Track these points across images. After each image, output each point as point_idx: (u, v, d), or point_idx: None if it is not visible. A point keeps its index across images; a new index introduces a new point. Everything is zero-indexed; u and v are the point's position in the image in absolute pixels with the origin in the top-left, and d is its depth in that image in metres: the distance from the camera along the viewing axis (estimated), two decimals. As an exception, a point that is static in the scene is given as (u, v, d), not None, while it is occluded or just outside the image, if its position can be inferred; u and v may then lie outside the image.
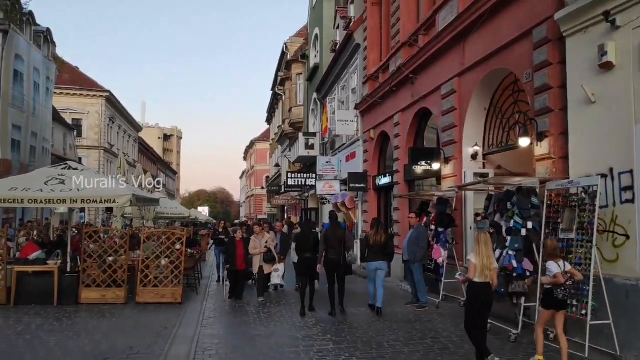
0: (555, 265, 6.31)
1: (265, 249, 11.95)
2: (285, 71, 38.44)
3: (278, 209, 47.73)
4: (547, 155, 8.44)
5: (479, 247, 6.37)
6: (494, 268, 6.35)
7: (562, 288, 6.19)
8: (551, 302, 6.32)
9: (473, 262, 6.33)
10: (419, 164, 12.54)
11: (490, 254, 6.34)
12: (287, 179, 27.95)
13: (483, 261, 6.27)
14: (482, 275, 6.29)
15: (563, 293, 6.20)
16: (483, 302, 6.40)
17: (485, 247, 6.34)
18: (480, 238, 6.48)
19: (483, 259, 6.28)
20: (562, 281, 6.18)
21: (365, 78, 18.73)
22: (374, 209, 18.37)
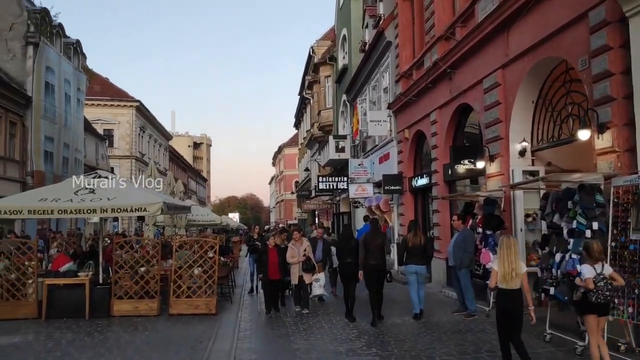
0: (589, 269, 6.05)
1: (304, 257, 11.12)
2: (313, 74, 37.99)
3: (309, 214, 47.25)
4: (611, 149, 7.67)
5: (501, 251, 6.10)
6: (519, 273, 6.01)
7: (594, 291, 5.94)
8: (587, 307, 6.09)
9: (494, 269, 6.09)
10: (461, 162, 11.84)
11: (513, 259, 6.02)
12: (318, 182, 27.44)
13: (504, 267, 6.00)
14: (504, 282, 6.02)
15: (596, 296, 5.93)
16: (506, 310, 6.08)
17: (507, 252, 6.05)
18: (503, 242, 6.19)
19: (504, 264, 6.01)
20: (591, 286, 5.93)
21: (398, 76, 18.07)
22: (410, 212, 17.67)
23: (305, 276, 11.16)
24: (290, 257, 11.17)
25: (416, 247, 9.99)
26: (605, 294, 5.94)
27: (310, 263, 11.15)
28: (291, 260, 11.14)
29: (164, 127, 62.16)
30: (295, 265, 11.16)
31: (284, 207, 75.55)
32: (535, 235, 10.49)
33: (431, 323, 9.82)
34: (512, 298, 6.00)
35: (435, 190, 14.90)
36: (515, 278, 5.97)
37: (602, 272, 6.02)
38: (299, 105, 50.87)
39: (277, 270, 11.22)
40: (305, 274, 11.15)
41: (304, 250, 11.19)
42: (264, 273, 11.25)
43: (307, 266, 11.10)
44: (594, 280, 5.94)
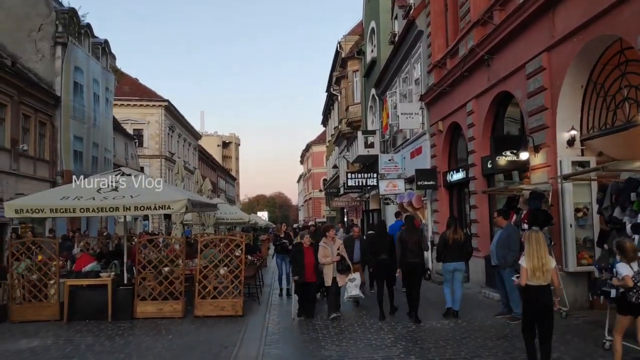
0: (625, 267, 5.84)
1: (338, 257, 10.14)
2: (341, 69, 37.36)
3: (337, 211, 46.65)
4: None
5: (529, 247, 5.90)
6: (549, 269, 5.85)
7: (634, 291, 5.73)
8: (626, 306, 5.85)
9: (523, 266, 5.90)
10: (503, 154, 11.02)
11: (543, 254, 5.84)
12: (347, 179, 26.76)
13: (534, 262, 5.81)
14: (534, 278, 5.83)
15: (636, 296, 5.73)
16: (535, 307, 5.91)
17: (536, 247, 5.86)
18: (531, 237, 5.97)
19: (534, 260, 5.82)
20: (630, 284, 5.71)
21: (430, 66, 17.27)
22: (445, 208, 16.86)
23: (339, 278, 10.20)
24: (323, 256, 10.15)
25: (456, 244, 9.68)
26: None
27: (345, 263, 10.20)
28: (324, 261, 10.13)
29: (192, 126, 62.33)
30: (329, 266, 10.18)
31: (312, 205, 75.21)
32: (585, 231, 9.68)
33: (473, 327, 9.08)
34: (542, 294, 5.86)
35: (472, 185, 14.09)
36: (546, 274, 5.81)
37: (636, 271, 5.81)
38: (327, 102, 50.31)
39: (313, 271, 10.29)
40: (340, 275, 10.21)
41: (337, 249, 10.26)
42: (300, 275, 10.22)
43: (342, 267, 10.17)
44: (633, 279, 5.73)
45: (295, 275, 10.30)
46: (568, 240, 9.57)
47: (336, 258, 10.12)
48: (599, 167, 6.90)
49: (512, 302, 9.44)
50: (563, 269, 9.62)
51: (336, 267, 10.13)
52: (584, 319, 9.00)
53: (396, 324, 9.50)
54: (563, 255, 9.66)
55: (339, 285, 10.22)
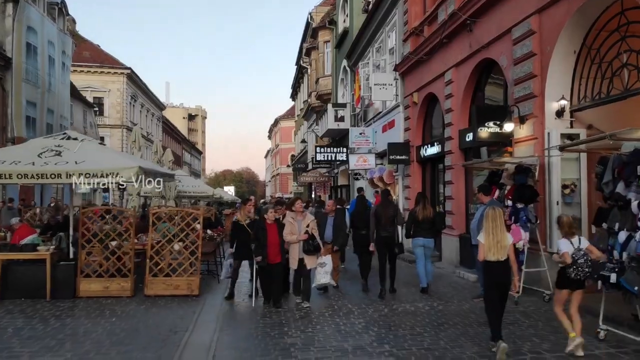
0: (565, 243, 5.95)
1: (306, 236, 8.62)
2: (311, 40, 36.08)
3: (305, 187, 45.75)
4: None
5: (487, 223, 6.00)
6: (504, 245, 5.94)
7: (573, 267, 5.81)
8: (564, 281, 5.99)
9: (481, 242, 6.02)
10: (486, 125, 10.21)
11: (498, 231, 5.93)
12: (315, 154, 25.87)
13: (489, 239, 5.94)
14: (490, 253, 5.94)
15: (575, 272, 5.81)
16: (493, 283, 6.08)
17: (492, 224, 5.96)
18: (488, 214, 6.06)
19: (489, 236, 5.95)
20: (569, 261, 5.83)
21: (407, 34, 16.33)
22: (417, 184, 16.12)
23: (307, 259, 8.68)
24: (289, 233, 8.62)
25: (426, 221, 9.70)
26: (585, 270, 5.82)
27: (314, 243, 8.63)
28: (289, 239, 8.60)
29: (157, 97, 60.11)
30: (295, 246, 8.73)
31: (279, 181, 74.16)
32: (572, 209, 9.00)
33: (451, 311, 8.35)
34: (500, 269, 5.97)
35: (448, 160, 13.31)
36: (502, 249, 5.91)
37: (580, 247, 5.89)
38: (296, 75, 48.93)
39: (278, 251, 8.66)
40: (307, 256, 8.66)
41: (307, 226, 8.72)
42: (263, 255, 8.55)
43: (308, 246, 8.60)
44: (572, 256, 5.83)
45: (258, 256, 8.62)
46: (553, 218, 8.86)
47: (303, 236, 8.58)
48: (605, 135, 6.08)
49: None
50: (547, 250, 8.95)
51: (303, 247, 8.59)
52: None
53: (367, 307, 8.70)
54: (548, 235, 8.98)
55: (307, 268, 8.73)
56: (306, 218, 8.87)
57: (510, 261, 6.02)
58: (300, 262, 8.74)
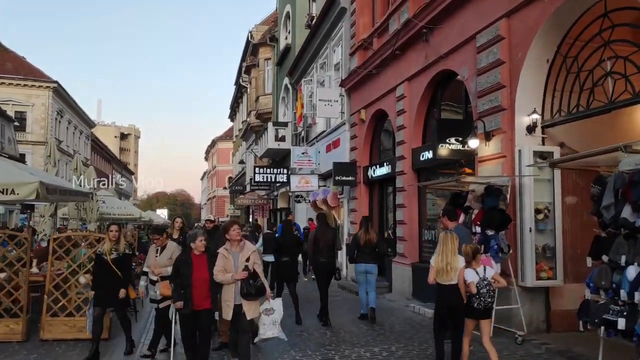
0: (471, 273, 5.91)
1: (244, 274, 6.09)
2: (252, 57, 34.74)
3: (242, 210, 43.90)
4: None
5: (439, 246, 6.09)
6: (454, 267, 5.93)
7: (476, 297, 5.82)
8: (470, 311, 5.96)
9: (432, 264, 6.08)
10: (447, 142, 9.11)
11: (449, 254, 5.97)
12: (254, 174, 24.31)
13: (438, 262, 6.00)
14: (440, 277, 5.99)
15: (478, 302, 5.83)
16: (444, 307, 6.10)
17: (443, 247, 6.02)
18: (441, 238, 6.13)
19: (438, 259, 6.01)
20: (473, 290, 5.84)
21: (354, 48, 15.28)
22: (364, 207, 14.92)
23: (246, 306, 6.17)
24: (221, 271, 6.11)
25: (368, 246, 9.34)
26: (487, 300, 5.86)
27: (256, 284, 6.15)
28: (221, 278, 6.09)
29: (87, 114, 56.68)
30: (229, 288, 6.17)
31: (215, 204, 71.83)
32: (545, 237, 7.97)
33: (414, 358, 7.02)
34: (449, 294, 5.97)
35: (400, 181, 12.17)
36: (451, 272, 5.92)
37: (485, 276, 5.89)
38: (235, 95, 47.31)
39: (207, 294, 6.10)
40: (247, 302, 6.17)
41: (246, 260, 6.21)
42: (185, 300, 6.02)
43: (250, 289, 6.09)
44: (477, 285, 5.82)
45: (177, 301, 6.10)
46: (526, 247, 7.79)
47: (241, 274, 6.08)
48: (617, 147, 4.88)
49: (459, 325, 7.48)
50: (519, 283, 7.84)
51: (241, 290, 6.11)
52: (547, 346, 7.22)
53: (313, 354, 7.24)
54: (519, 266, 7.88)
55: (246, 318, 6.21)
56: (245, 249, 6.31)
57: (459, 285, 5.91)
58: (236, 311, 6.15)
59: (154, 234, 7.87)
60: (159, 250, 7.36)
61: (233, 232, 6.30)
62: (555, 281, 7.84)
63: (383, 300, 11.97)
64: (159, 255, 7.30)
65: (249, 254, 6.28)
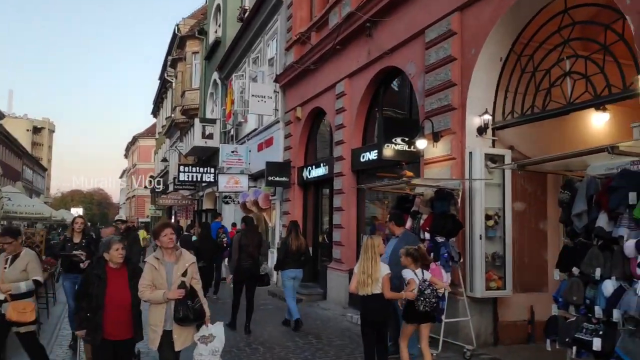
0: (410, 273, 5.69)
1: (180, 292, 4.78)
2: (178, 50, 33.12)
3: (164, 211, 41.96)
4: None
5: (363, 253, 5.66)
6: (377, 277, 5.53)
7: (421, 299, 5.51)
8: (412, 315, 5.69)
9: (355, 272, 5.71)
10: (393, 141, 8.54)
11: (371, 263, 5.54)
12: (179, 173, 23.00)
13: (360, 271, 5.59)
14: (364, 287, 5.54)
15: (423, 304, 5.51)
16: (367, 318, 5.69)
17: (364, 255, 5.63)
18: (368, 243, 5.71)
19: (360, 268, 5.60)
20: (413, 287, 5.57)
21: (290, 42, 14.54)
22: (298, 210, 14.19)
23: (177, 333, 4.85)
24: (147, 287, 4.79)
25: (299, 251, 9.12)
26: (432, 300, 5.56)
27: (195, 306, 4.83)
28: (149, 296, 4.79)
29: (-7, 104, 52.36)
30: (159, 309, 4.84)
31: (135, 204, 68.65)
32: (494, 245, 7.56)
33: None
34: (373, 305, 5.56)
35: (338, 183, 11.53)
36: (372, 283, 5.49)
37: (425, 278, 5.66)
38: (159, 90, 45.13)
39: (127, 319, 4.89)
40: (181, 328, 4.86)
41: (183, 274, 4.92)
42: (92, 327, 4.82)
43: (187, 312, 4.76)
44: (419, 287, 5.55)
45: (84, 328, 4.91)
46: (476, 256, 7.34)
47: (176, 293, 4.74)
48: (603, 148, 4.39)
49: (406, 339, 6.89)
50: (467, 294, 7.37)
51: (174, 313, 4.78)
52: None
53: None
54: (468, 276, 7.42)
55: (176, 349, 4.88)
56: (182, 260, 4.97)
57: (385, 294, 5.53)
58: (165, 338, 4.82)
59: (5, 235, 5.83)
60: (9, 260, 5.68)
61: (164, 237, 4.89)
62: (504, 291, 7.45)
63: (317, 308, 11.32)
64: (8, 267, 5.64)
65: (187, 266, 4.94)
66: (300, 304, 11.63)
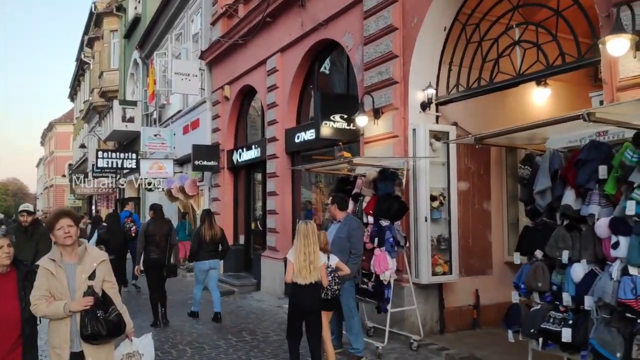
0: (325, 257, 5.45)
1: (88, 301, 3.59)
2: (95, 29, 30.97)
3: (84, 200, 39.59)
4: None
5: (299, 240, 5.28)
6: (317, 266, 5.24)
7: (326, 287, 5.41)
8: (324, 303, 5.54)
9: (290, 260, 5.29)
10: (331, 119, 7.89)
11: (312, 250, 5.22)
12: (97, 159, 21.36)
13: (300, 259, 5.21)
14: (301, 276, 5.21)
15: (325, 292, 5.44)
16: (300, 308, 5.36)
17: (305, 240, 5.25)
18: (300, 229, 5.36)
19: (301, 256, 5.22)
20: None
21: (216, 16, 13.54)
22: (228, 195, 13.35)
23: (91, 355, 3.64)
24: (42, 297, 3.62)
25: (213, 241, 8.77)
26: (334, 288, 5.51)
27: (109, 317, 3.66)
28: (45, 311, 3.62)
29: None
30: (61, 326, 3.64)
31: (53, 194, 64.63)
32: (439, 227, 7.12)
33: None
34: (308, 293, 5.29)
35: (272, 165, 10.78)
36: (313, 272, 5.25)
37: (329, 264, 5.50)
38: (76, 72, 42.32)
39: (15, 341, 3.83)
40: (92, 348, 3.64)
41: (90, 276, 3.71)
42: None
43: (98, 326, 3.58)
44: None
45: None
46: (421, 239, 6.86)
47: (82, 302, 3.59)
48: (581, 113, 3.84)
49: (350, 334, 6.32)
50: (413, 280, 6.90)
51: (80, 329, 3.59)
52: (447, 352, 6.34)
53: None
54: (414, 261, 6.94)
55: None
56: (87, 258, 3.77)
57: (322, 283, 5.35)
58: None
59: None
60: None
61: (59, 230, 3.66)
62: (451, 276, 7.04)
63: (251, 300, 10.61)
64: None
65: (95, 266, 3.74)
66: (233, 296, 11.00)
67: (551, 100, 8.30)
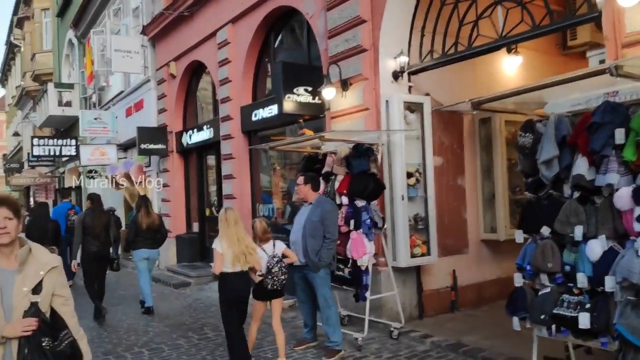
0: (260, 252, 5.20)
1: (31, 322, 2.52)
2: (25, 8, 28.87)
3: (21, 192, 37.30)
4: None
5: (229, 228, 5.00)
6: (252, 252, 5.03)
7: (269, 277, 5.17)
8: (262, 293, 5.32)
9: (218, 250, 5.00)
10: (295, 92, 7.20)
11: (243, 236, 5.02)
12: (32, 147, 19.87)
13: (235, 247, 4.94)
14: (235, 264, 4.96)
15: (272, 282, 5.20)
16: (235, 296, 5.11)
17: (236, 227, 5.02)
18: (228, 216, 5.08)
19: (235, 244, 4.95)
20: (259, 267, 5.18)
21: (158, -13, 12.51)
22: (179, 181, 12.49)
23: None
24: None
25: (151, 229, 8.27)
26: (281, 278, 5.26)
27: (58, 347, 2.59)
28: None
29: None
30: None
31: (-13, 186, 61.02)
32: (416, 206, 6.63)
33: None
34: (242, 283, 5.08)
35: (227, 147, 10.02)
36: (248, 258, 4.99)
37: (275, 253, 5.28)
38: (6, 55, 39.65)
39: None
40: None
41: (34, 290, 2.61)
42: None
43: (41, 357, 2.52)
44: (267, 265, 5.18)
45: None
46: (398, 220, 6.35)
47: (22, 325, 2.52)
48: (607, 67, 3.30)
49: (327, 326, 5.74)
50: (390, 263, 6.38)
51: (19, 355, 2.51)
52: (432, 340, 5.88)
53: None
54: (390, 243, 6.42)
55: None
56: (31, 264, 2.65)
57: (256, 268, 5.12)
58: None
59: None
60: None
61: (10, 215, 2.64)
62: (430, 257, 6.57)
63: (209, 292, 9.90)
64: None
65: (43, 275, 2.66)
66: (189, 288, 10.30)
67: (522, 69, 7.96)
